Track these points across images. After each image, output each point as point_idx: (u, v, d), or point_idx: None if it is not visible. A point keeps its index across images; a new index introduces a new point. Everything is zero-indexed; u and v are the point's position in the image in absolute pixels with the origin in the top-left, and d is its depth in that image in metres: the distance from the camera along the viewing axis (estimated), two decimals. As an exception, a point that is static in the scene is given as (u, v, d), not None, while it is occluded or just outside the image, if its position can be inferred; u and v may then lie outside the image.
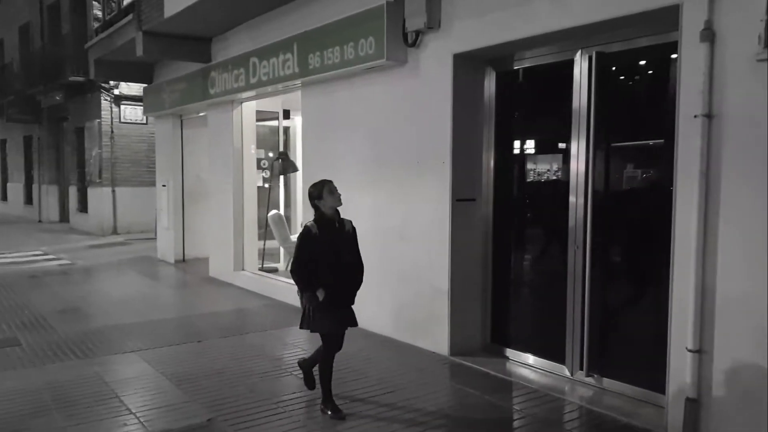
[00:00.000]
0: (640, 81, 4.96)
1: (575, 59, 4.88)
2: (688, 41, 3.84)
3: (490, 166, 5.69)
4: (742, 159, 3.79)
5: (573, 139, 4.91)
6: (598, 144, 4.96)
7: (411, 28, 5.93)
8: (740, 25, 3.61)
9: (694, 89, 3.80)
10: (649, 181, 4.89)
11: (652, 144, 4.83)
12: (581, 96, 4.84)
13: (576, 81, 4.88)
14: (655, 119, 4.75)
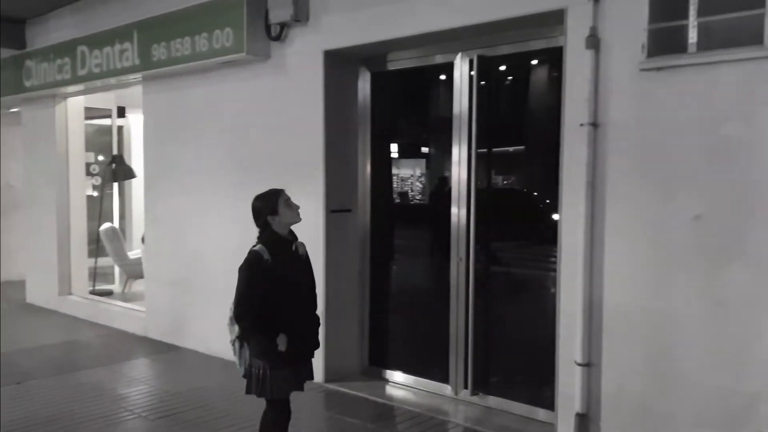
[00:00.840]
0: (525, 86, 5.08)
1: (455, 62, 4.91)
2: (573, 47, 3.95)
3: (366, 174, 5.58)
4: (628, 169, 3.96)
5: (454, 145, 4.95)
6: (480, 151, 5.01)
7: (275, 20, 5.68)
8: (625, 33, 3.75)
9: (579, 97, 3.91)
10: (535, 190, 5.01)
11: (537, 151, 4.97)
12: (462, 100, 4.88)
13: (456, 85, 4.92)
14: (541, 126, 4.88)
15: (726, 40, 3.42)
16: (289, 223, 3.43)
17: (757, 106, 3.41)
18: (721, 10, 3.43)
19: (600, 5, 3.85)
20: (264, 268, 3.23)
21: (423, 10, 4.63)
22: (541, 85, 4.88)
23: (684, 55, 3.55)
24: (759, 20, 3.31)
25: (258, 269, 3.24)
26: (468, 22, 4.40)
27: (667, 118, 3.72)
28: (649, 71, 3.67)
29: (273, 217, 3.38)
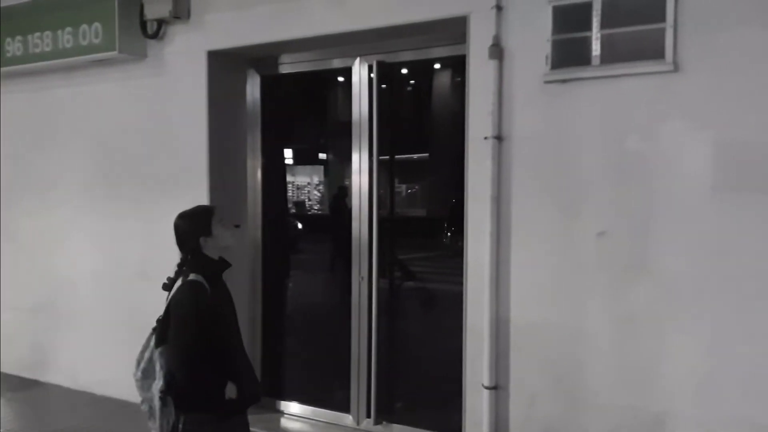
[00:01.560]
0: (429, 93, 5.09)
1: (354, 67, 4.86)
2: (476, 57, 3.95)
3: (257, 183, 5.39)
4: (534, 183, 4.01)
5: (354, 151, 4.89)
6: (383, 158, 4.95)
7: (152, 16, 5.37)
8: (529, 44, 3.78)
9: (483, 109, 3.93)
10: (442, 199, 5.01)
11: (443, 159, 4.97)
12: (362, 107, 4.84)
13: (356, 90, 4.87)
14: (446, 134, 4.90)
15: (629, 53, 3.51)
16: (227, 246, 3.00)
17: (659, 121, 3.52)
18: (624, 23, 3.52)
19: (503, 14, 3.87)
20: (207, 302, 2.75)
21: (318, 11, 4.52)
22: (445, 93, 4.91)
23: (588, 68, 3.63)
24: (660, 34, 3.44)
25: (201, 303, 2.74)
26: (366, 26, 4.35)
27: (572, 132, 3.76)
28: (554, 83, 3.73)
29: (206, 239, 2.92)
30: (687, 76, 3.41)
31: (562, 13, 3.68)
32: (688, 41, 3.39)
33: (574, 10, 3.64)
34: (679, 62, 3.41)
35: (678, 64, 3.41)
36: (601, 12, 3.57)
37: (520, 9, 3.82)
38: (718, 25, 3.32)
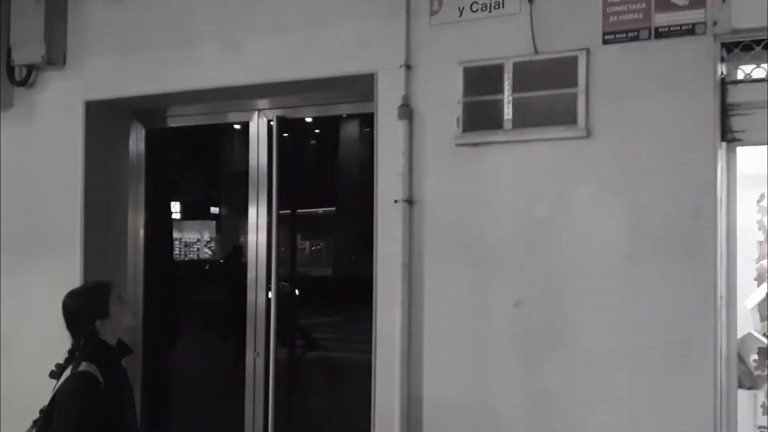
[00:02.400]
0: (335, 148, 5.08)
1: (252, 122, 4.79)
2: (385, 116, 3.96)
3: (139, 244, 5.17)
4: (447, 250, 3.88)
5: (251, 207, 4.79)
6: (283, 215, 4.84)
7: (20, 61, 5.05)
8: (440, 105, 3.81)
9: (393, 171, 3.91)
10: (350, 257, 4.94)
11: (350, 216, 4.93)
12: (260, 158, 4.77)
13: (253, 142, 4.79)
14: (355, 190, 4.85)
15: (541, 117, 3.58)
16: (127, 328, 2.82)
17: (572, 187, 3.55)
18: (536, 87, 3.58)
19: (413, 73, 3.89)
20: (98, 398, 2.51)
21: (212, 61, 4.43)
22: (354, 147, 4.92)
23: (499, 132, 3.66)
24: (572, 99, 3.50)
25: (93, 402, 2.50)
26: (266, 80, 4.30)
27: (485, 196, 3.75)
28: (465, 146, 3.75)
29: (103, 322, 2.71)
30: (599, 142, 3.48)
31: (473, 75, 3.71)
32: (599, 107, 3.46)
33: (486, 73, 3.68)
34: (591, 128, 3.47)
35: (590, 130, 3.47)
36: (512, 75, 3.61)
37: (430, 69, 3.85)
38: (627, 91, 3.42)
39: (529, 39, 3.58)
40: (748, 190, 3.66)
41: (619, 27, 3.42)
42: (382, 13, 3.92)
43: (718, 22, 3.19)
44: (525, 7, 3.60)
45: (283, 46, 4.19)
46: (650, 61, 3.36)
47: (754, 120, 3.29)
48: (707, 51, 3.24)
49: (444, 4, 3.77)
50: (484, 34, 3.70)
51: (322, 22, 4.10)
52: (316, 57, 4.12)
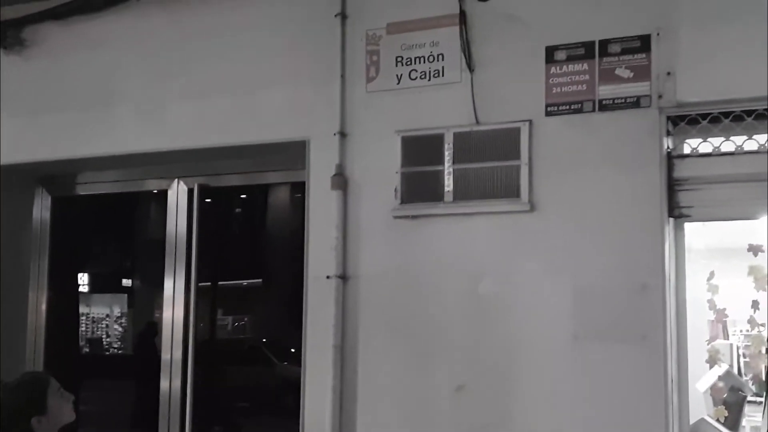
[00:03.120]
0: (263, 217, 4.87)
1: (171, 190, 4.56)
2: (317, 186, 3.83)
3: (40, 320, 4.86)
4: (384, 331, 3.69)
5: (167, 279, 4.53)
6: (203, 287, 4.67)
7: None
8: (376, 175, 3.70)
9: (325, 244, 3.74)
10: (275, 337, 4.72)
11: (278, 289, 4.74)
12: (179, 227, 4.54)
13: (172, 211, 4.56)
14: (284, 261, 4.58)
15: (484, 190, 3.49)
16: (65, 423, 2.51)
17: (517, 263, 3.44)
18: (478, 159, 3.50)
19: (348, 141, 3.79)
20: None
21: (128, 125, 4.24)
22: (283, 217, 4.69)
23: (440, 204, 3.55)
24: (515, 172, 3.42)
25: None
26: (186, 146, 4.14)
27: (425, 273, 3.61)
28: (404, 219, 3.62)
29: (40, 419, 2.42)
30: (543, 216, 3.40)
31: (412, 145, 3.62)
32: (543, 180, 3.40)
33: (425, 142, 3.59)
34: (535, 202, 3.39)
35: (534, 203, 3.39)
36: (453, 146, 3.53)
37: (366, 137, 3.75)
38: (572, 164, 3.36)
39: (471, 109, 3.51)
40: (698, 266, 3.60)
41: (563, 99, 3.38)
42: (316, 78, 3.84)
43: (664, 95, 3.19)
44: (466, 77, 3.55)
45: (208, 109, 4.06)
46: (595, 133, 3.32)
47: (702, 195, 3.24)
48: (653, 124, 3.22)
49: (381, 70, 3.73)
50: (423, 103, 3.63)
51: (252, 86, 3.99)
52: (244, 122, 4.00)
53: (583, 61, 3.35)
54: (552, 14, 3.42)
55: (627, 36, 3.29)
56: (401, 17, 3.70)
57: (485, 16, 3.52)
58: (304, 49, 3.90)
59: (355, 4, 3.79)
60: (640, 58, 3.25)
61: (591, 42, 3.35)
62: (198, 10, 4.15)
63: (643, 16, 3.25)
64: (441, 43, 3.60)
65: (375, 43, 3.75)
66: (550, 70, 3.41)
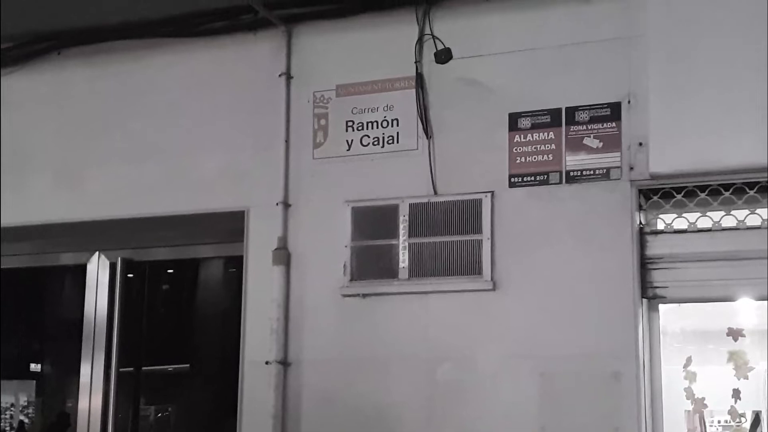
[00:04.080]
0: (192, 296, 4.57)
1: (90, 264, 4.29)
2: (257, 261, 3.66)
3: None
4: (329, 422, 3.45)
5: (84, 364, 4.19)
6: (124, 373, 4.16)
7: None
8: (323, 249, 3.56)
9: (265, 325, 3.54)
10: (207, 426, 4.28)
11: (209, 375, 4.35)
12: (98, 306, 4.23)
13: (91, 287, 4.28)
14: (216, 344, 4.34)
15: (442, 266, 3.34)
16: None
17: (478, 346, 3.25)
18: (436, 232, 3.37)
19: (292, 212, 3.64)
20: None
21: (42, 192, 4.05)
22: (216, 299, 4.41)
23: (394, 281, 3.39)
24: (477, 247, 3.28)
25: None
26: (110, 215, 3.95)
27: (377, 357, 3.41)
28: (353, 297, 3.45)
29: None
30: (507, 296, 3.25)
31: (363, 216, 3.48)
32: (506, 256, 3.26)
33: (378, 214, 3.46)
34: (497, 280, 3.24)
35: (497, 281, 3.24)
36: (409, 218, 3.39)
37: (312, 208, 3.62)
38: (537, 240, 3.24)
39: (428, 179, 3.41)
40: (673, 351, 3.46)
41: (527, 169, 3.28)
42: (257, 143, 3.72)
43: (635, 166, 3.11)
44: (423, 144, 3.45)
45: (134, 175, 3.89)
46: (562, 207, 3.23)
47: (677, 274, 3.11)
48: (624, 198, 3.12)
49: (330, 135, 3.61)
50: (376, 171, 3.52)
51: (185, 150, 3.84)
52: (175, 190, 3.84)
53: (549, 130, 3.26)
54: (516, 79, 3.35)
55: (596, 104, 3.21)
56: (352, 78, 3.60)
57: (444, 80, 3.45)
58: (245, 110, 3.77)
59: (302, 63, 3.71)
60: (609, 127, 3.17)
61: (557, 109, 3.26)
62: (124, 66, 4.03)
63: (613, 83, 3.18)
64: (396, 107, 3.49)
65: (323, 105, 3.62)
66: (514, 138, 3.31)
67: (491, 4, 3.38)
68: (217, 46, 3.83)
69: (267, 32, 3.71)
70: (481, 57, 3.40)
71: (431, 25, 3.45)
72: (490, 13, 3.40)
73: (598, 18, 3.24)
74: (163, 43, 3.90)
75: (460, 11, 3.44)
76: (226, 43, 3.81)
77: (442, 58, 3.39)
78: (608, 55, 3.20)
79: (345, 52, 3.63)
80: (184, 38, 3.86)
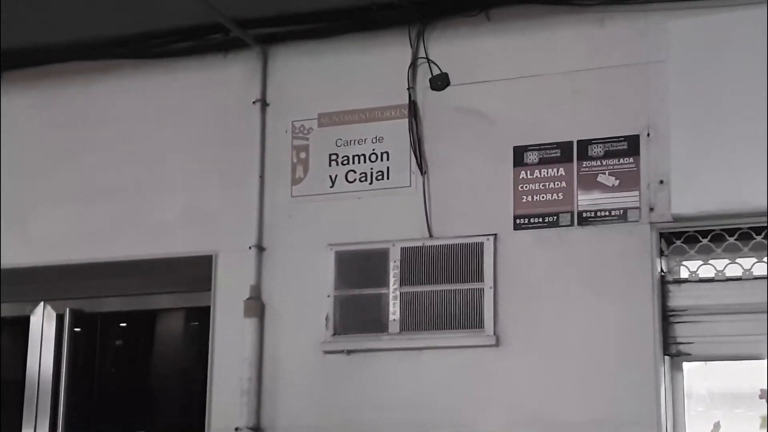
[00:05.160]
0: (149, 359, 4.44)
1: (34, 316, 4.21)
2: (226, 313, 3.63)
3: None
4: None
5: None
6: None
7: None
8: (302, 299, 3.52)
9: (234, 386, 3.49)
10: None
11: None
12: (42, 374, 4.13)
13: (33, 350, 4.18)
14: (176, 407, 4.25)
15: (438, 319, 3.32)
16: None
17: (478, 410, 3.20)
18: (431, 280, 3.33)
19: (267, 256, 3.60)
20: None
21: None
22: (177, 357, 4.36)
23: (383, 336, 3.36)
24: (477, 296, 3.26)
25: None
26: (57, 261, 3.90)
27: (363, 423, 3.36)
28: (337, 354, 3.42)
29: None
30: (511, 352, 3.22)
31: (348, 262, 3.45)
32: (511, 308, 3.23)
33: (365, 259, 3.42)
34: (501, 334, 3.21)
35: (500, 336, 3.20)
36: (400, 264, 3.35)
37: (290, 252, 3.58)
38: (545, 289, 3.22)
39: (422, 219, 3.37)
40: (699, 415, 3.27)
41: (535, 209, 3.24)
42: (227, 179, 3.70)
43: (655, 207, 3.05)
44: (417, 180, 3.42)
45: (84, 217, 3.85)
46: (573, 252, 3.18)
47: (703, 329, 3.04)
48: (643, 242, 3.07)
49: (311, 170, 3.58)
50: (363, 211, 3.49)
51: (143, 188, 3.81)
52: (132, 232, 3.82)
53: (559, 165, 3.22)
54: (521, 108, 3.33)
55: (611, 136, 3.17)
56: (336, 106, 3.57)
57: (440, 108, 3.42)
58: (213, 142, 3.75)
59: (279, 88, 3.67)
60: (626, 163, 3.13)
61: (568, 142, 3.23)
62: (74, 92, 3.98)
63: (630, 114, 3.15)
64: (386, 139, 3.46)
65: (303, 136, 3.59)
66: (520, 174, 3.28)
67: (494, 25, 3.35)
68: (182, 69, 3.78)
69: (240, 54, 3.68)
70: (483, 83, 3.38)
71: (426, 47, 3.43)
72: (493, 35, 3.37)
73: (612, 42, 3.20)
74: (119, 65, 3.85)
75: (458, 32, 3.40)
76: (192, 66, 3.77)
77: (439, 85, 3.36)
78: (624, 83, 3.16)
79: (328, 77, 3.61)
80: (143, 60, 3.81)
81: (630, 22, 3.19)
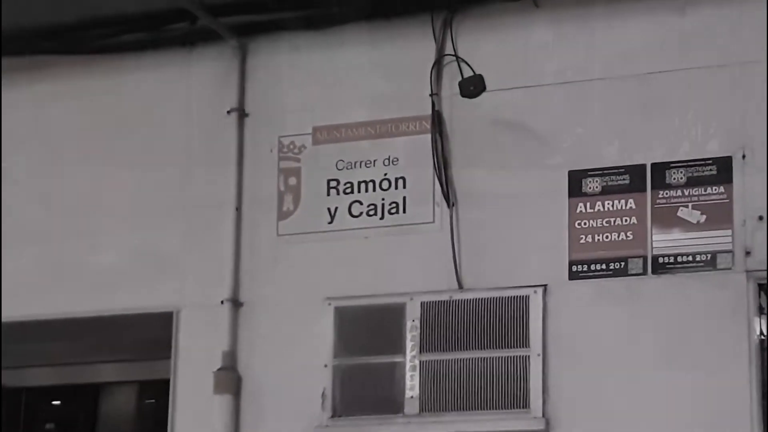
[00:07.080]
0: None
1: None
2: (190, 387, 3.55)
3: None
4: None
5: None
6: None
7: None
8: (289, 369, 3.43)
9: None
10: None
11: None
12: None
13: None
14: None
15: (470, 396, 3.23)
16: None
17: None
18: (460, 345, 3.25)
19: (244, 313, 3.50)
20: None
21: None
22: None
23: (398, 418, 3.27)
24: (521, 367, 3.19)
25: None
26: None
27: None
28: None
29: None
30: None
31: (352, 321, 3.36)
32: (565, 382, 3.12)
33: (374, 318, 3.34)
34: (551, 416, 3.10)
35: (550, 418, 3.10)
36: (420, 324, 3.25)
37: (275, 308, 3.49)
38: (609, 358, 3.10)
39: (449, 266, 3.25)
40: None
41: (596, 253, 3.15)
42: (192, 214, 3.61)
43: (753, 250, 2.93)
44: (443, 216, 3.29)
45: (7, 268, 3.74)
46: (646, 308, 3.07)
47: None
48: (737, 295, 2.95)
49: (303, 201, 3.47)
50: (372, 255, 3.39)
51: (81, 228, 3.70)
52: (67, 284, 3.72)
53: (628, 196, 3.12)
54: (578, 122, 3.22)
55: (695, 159, 3.06)
56: (336, 118, 3.47)
57: (472, 121, 3.31)
58: (174, 165, 3.64)
59: (261, 94, 3.59)
60: (716, 193, 3.02)
61: (640, 166, 3.12)
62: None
63: (720, 130, 3.04)
64: (402, 161, 3.34)
65: (294, 156, 3.48)
66: (577, 207, 3.17)
67: (543, 14, 3.25)
68: (131, 68, 3.69)
69: (210, 48, 3.58)
70: (528, 89, 3.26)
71: (455, 41, 3.30)
72: (542, 27, 3.27)
73: (697, 36, 3.10)
74: (47, 63, 3.73)
75: (497, 23, 3.30)
76: (145, 65, 3.67)
77: (471, 90, 3.23)
78: (712, 90, 3.06)
79: (326, 79, 3.51)
80: (80, 56, 3.69)
81: (719, 10, 3.08)
